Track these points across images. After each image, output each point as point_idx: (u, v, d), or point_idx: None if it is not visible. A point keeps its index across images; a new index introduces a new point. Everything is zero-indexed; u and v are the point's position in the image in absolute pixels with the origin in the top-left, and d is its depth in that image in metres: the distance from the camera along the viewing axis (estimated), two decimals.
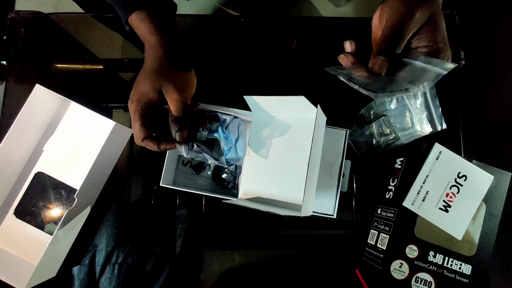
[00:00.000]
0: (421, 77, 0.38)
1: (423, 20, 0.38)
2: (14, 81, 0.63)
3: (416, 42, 0.39)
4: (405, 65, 0.39)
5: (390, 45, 0.38)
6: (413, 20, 0.38)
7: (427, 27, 0.39)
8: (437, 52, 0.38)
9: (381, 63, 0.38)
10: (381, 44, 0.39)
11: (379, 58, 0.38)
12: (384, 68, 0.39)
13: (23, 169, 0.60)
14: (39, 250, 0.56)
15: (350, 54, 0.43)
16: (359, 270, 0.55)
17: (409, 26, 0.38)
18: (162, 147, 0.47)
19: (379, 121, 0.57)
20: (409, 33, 0.38)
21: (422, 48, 0.39)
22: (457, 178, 0.50)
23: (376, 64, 0.39)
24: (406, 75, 0.39)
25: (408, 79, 0.38)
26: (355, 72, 0.41)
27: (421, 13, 0.38)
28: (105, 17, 0.65)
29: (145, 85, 0.44)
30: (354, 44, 0.43)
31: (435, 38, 0.39)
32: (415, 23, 0.38)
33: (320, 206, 0.52)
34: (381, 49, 0.38)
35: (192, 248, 0.60)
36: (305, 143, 0.48)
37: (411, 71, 0.39)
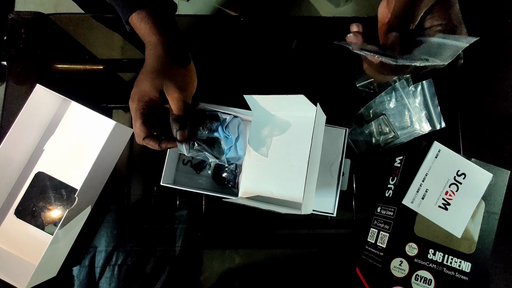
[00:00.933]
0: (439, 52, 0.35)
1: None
2: (15, 81, 0.63)
3: (430, 21, 0.37)
4: (420, 43, 0.37)
5: (402, 21, 0.36)
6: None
7: (440, 4, 0.36)
8: (453, 30, 0.36)
9: (394, 38, 0.36)
10: (393, 21, 0.36)
11: (392, 34, 0.36)
12: (397, 43, 0.36)
13: (23, 169, 0.60)
14: (40, 250, 0.56)
15: (359, 33, 0.40)
16: (359, 269, 0.56)
17: (421, 4, 0.35)
18: (163, 145, 0.47)
19: (378, 120, 0.58)
20: (421, 10, 0.36)
21: (436, 27, 0.37)
22: (456, 176, 0.50)
23: (388, 40, 0.36)
24: (422, 52, 0.36)
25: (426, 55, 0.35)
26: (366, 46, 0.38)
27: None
28: (105, 17, 0.66)
29: (146, 84, 0.44)
30: (361, 26, 0.41)
31: (449, 16, 0.36)
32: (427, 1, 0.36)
33: (320, 205, 0.52)
34: (392, 26, 0.36)
35: (192, 248, 0.60)
36: (304, 142, 0.48)
37: (427, 48, 0.36)
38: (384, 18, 0.41)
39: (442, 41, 0.35)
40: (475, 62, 0.61)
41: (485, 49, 0.45)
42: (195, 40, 0.65)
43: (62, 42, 0.65)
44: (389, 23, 0.37)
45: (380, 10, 0.42)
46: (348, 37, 0.41)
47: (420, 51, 0.36)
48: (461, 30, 0.36)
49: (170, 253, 0.59)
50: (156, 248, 0.60)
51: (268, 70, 0.64)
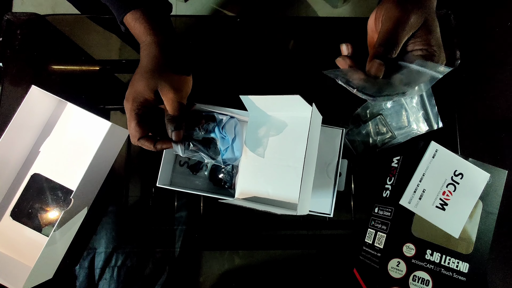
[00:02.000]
0: (417, 79, 0.39)
1: (417, 24, 0.39)
2: (10, 82, 0.62)
3: (412, 45, 0.41)
4: (401, 68, 0.41)
5: (386, 49, 0.39)
6: (408, 25, 0.39)
7: (422, 31, 0.40)
8: (432, 55, 0.40)
9: (378, 66, 0.39)
10: (378, 48, 0.40)
11: (376, 62, 0.39)
12: (380, 71, 0.40)
13: (19, 170, 0.60)
14: (36, 251, 0.56)
15: (348, 57, 0.44)
16: (356, 269, 0.55)
17: (404, 30, 0.39)
18: (158, 146, 0.47)
19: (375, 120, 0.57)
20: (404, 37, 0.39)
21: (417, 51, 0.40)
22: (453, 176, 0.50)
23: (373, 67, 0.40)
24: (402, 78, 0.40)
25: (405, 81, 0.39)
26: (352, 75, 0.42)
27: (416, 18, 0.39)
28: (101, 18, 0.65)
29: (141, 84, 0.44)
30: (351, 46, 0.44)
31: (429, 42, 0.40)
32: (410, 27, 0.39)
33: (317, 205, 0.52)
34: (377, 53, 0.39)
35: (192, 249, 0.60)
36: (301, 142, 0.48)
37: (407, 74, 0.40)
38: (373, 31, 0.44)
39: (420, 69, 0.38)
40: (472, 62, 0.61)
41: (481, 49, 0.45)
42: (192, 41, 0.65)
43: (58, 43, 0.65)
44: (374, 49, 0.40)
45: (369, 23, 0.45)
46: (338, 61, 0.44)
47: (400, 77, 0.40)
48: (439, 56, 0.40)
49: (170, 255, 0.59)
50: (155, 249, 0.60)
51: (264, 70, 0.64)
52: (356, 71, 0.42)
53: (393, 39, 0.39)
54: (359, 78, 0.41)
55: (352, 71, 0.43)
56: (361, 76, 0.41)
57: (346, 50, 0.44)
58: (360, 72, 0.42)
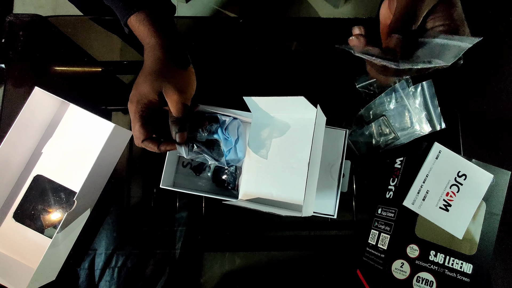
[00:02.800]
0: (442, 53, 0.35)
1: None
2: (13, 84, 0.62)
3: (432, 21, 0.37)
4: (423, 44, 0.37)
5: (405, 23, 0.36)
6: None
7: (442, 5, 0.36)
8: (455, 30, 0.36)
9: (396, 41, 0.36)
10: (395, 23, 0.36)
11: (394, 36, 0.36)
12: (399, 45, 0.36)
13: (22, 172, 0.60)
14: (39, 253, 0.56)
15: (361, 36, 0.39)
16: (360, 270, 0.55)
17: (423, 4, 0.35)
18: (162, 148, 0.46)
19: (378, 121, 0.57)
20: (423, 11, 0.36)
21: (438, 27, 0.36)
22: (457, 177, 0.50)
23: (391, 42, 0.36)
24: (425, 53, 0.36)
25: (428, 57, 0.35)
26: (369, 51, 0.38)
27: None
28: (103, 19, 0.65)
29: (145, 86, 0.44)
30: (363, 28, 0.40)
31: (452, 16, 0.36)
32: (429, 0, 0.35)
33: (321, 207, 0.52)
34: (394, 28, 0.36)
35: (192, 250, 0.60)
36: (305, 144, 0.48)
37: (430, 49, 0.36)
38: (386, 19, 0.41)
39: (445, 42, 0.34)
40: (475, 62, 0.61)
41: (485, 49, 0.45)
42: (194, 42, 0.65)
43: (61, 44, 0.65)
44: (391, 25, 0.37)
45: (381, 11, 0.42)
46: (351, 40, 0.40)
47: (423, 53, 0.36)
48: (464, 30, 0.36)
49: (170, 256, 0.59)
50: (156, 250, 0.59)
51: (267, 71, 0.64)
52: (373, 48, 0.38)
53: (411, 12, 0.35)
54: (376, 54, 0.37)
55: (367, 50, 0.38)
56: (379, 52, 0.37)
57: (359, 31, 0.40)
58: (376, 48, 0.37)
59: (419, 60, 0.35)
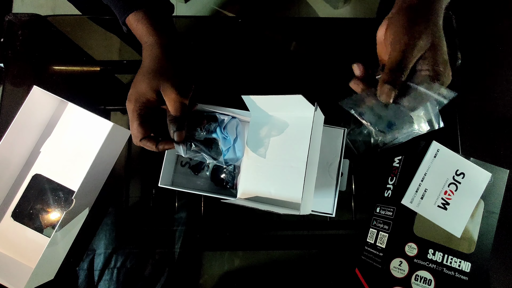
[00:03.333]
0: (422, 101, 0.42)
1: (425, 47, 0.40)
2: (12, 83, 0.62)
3: (420, 65, 0.41)
4: (409, 89, 0.42)
5: (395, 74, 0.40)
6: (416, 49, 0.39)
7: (429, 51, 0.40)
8: (438, 74, 0.41)
9: (388, 91, 0.41)
10: (387, 75, 0.41)
11: (386, 87, 0.41)
12: (391, 96, 0.41)
13: (20, 171, 0.60)
14: (37, 252, 0.56)
15: (360, 81, 0.45)
16: (358, 269, 0.55)
17: (413, 55, 0.40)
18: (160, 147, 0.47)
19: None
20: (412, 61, 0.40)
21: (425, 71, 0.41)
22: (455, 175, 0.50)
23: (383, 93, 0.41)
24: (410, 101, 0.42)
25: (413, 104, 0.42)
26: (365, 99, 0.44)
27: (424, 41, 0.40)
28: (102, 19, 0.65)
29: (143, 85, 0.44)
30: (362, 66, 0.45)
31: (437, 61, 0.40)
32: (418, 51, 0.40)
33: (319, 205, 0.52)
34: (387, 79, 0.41)
35: (192, 250, 0.60)
36: (303, 142, 0.48)
37: (414, 96, 0.42)
38: (381, 44, 0.45)
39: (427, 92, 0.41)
40: (473, 62, 0.61)
41: (483, 49, 0.45)
42: (193, 42, 0.65)
43: (59, 43, 0.65)
44: (384, 75, 0.41)
45: (378, 35, 0.45)
46: (351, 84, 0.46)
47: (408, 100, 0.42)
48: (444, 73, 0.41)
49: (170, 256, 0.59)
50: (155, 250, 0.59)
51: (266, 70, 0.64)
52: (369, 96, 0.44)
53: (401, 64, 0.40)
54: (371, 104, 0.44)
55: (365, 95, 0.45)
56: (373, 101, 0.43)
57: (358, 71, 0.45)
58: (372, 97, 0.44)
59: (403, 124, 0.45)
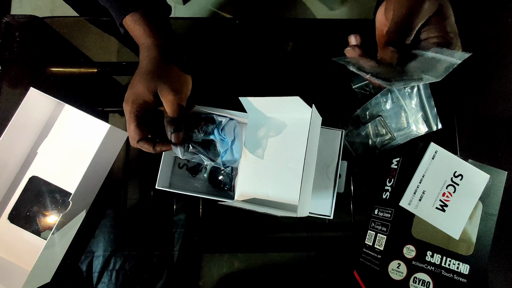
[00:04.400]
0: (433, 67, 0.37)
1: (431, 10, 0.37)
2: (9, 84, 0.62)
3: (426, 33, 0.39)
4: (416, 56, 0.39)
5: (399, 35, 0.37)
6: (421, 10, 0.37)
7: (436, 17, 0.38)
8: (448, 43, 0.38)
9: (391, 53, 0.38)
10: (390, 35, 0.38)
11: (389, 49, 0.38)
12: (394, 58, 0.38)
13: (17, 173, 0.60)
14: (34, 255, 0.55)
15: (357, 47, 0.42)
16: (357, 271, 0.55)
17: (418, 17, 0.37)
18: (158, 148, 0.46)
19: (374, 122, 0.57)
20: (418, 23, 0.37)
21: (432, 39, 0.38)
22: (453, 177, 0.50)
23: (385, 55, 0.38)
24: (418, 66, 0.38)
25: (420, 69, 0.38)
26: (364, 63, 0.40)
27: (430, 3, 0.37)
28: (100, 20, 0.65)
29: (140, 86, 0.44)
30: (359, 37, 0.42)
31: (445, 29, 0.38)
32: (423, 13, 0.37)
33: (317, 207, 0.52)
34: (390, 40, 0.38)
35: (190, 252, 0.59)
36: (300, 144, 0.48)
37: (422, 62, 0.38)
38: (382, 25, 0.42)
39: (437, 56, 0.37)
40: (470, 63, 0.61)
41: (480, 49, 0.45)
42: (191, 43, 0.65)
43: (57, 45, 0.65)
44: (386, 36, 0.38)
45: (377, 17, 0.43)
46: (347, 51, 0.42)
47: (415, 66, 0.38)
48: (455, 42, 0.38)
49: (168, 258, 0.59)
50: (154, 252, 0.59)
51: (263, 72, 0.64)
52: (368, 60, 0.40)
53: (406, 25, 0.37)
54: (371, 66, 0.40)
55: (363, 59, 0.41)
56: (373, 64, 0.40)
57: (355, 40, 0.43)
58: (371, 60, 0.40)
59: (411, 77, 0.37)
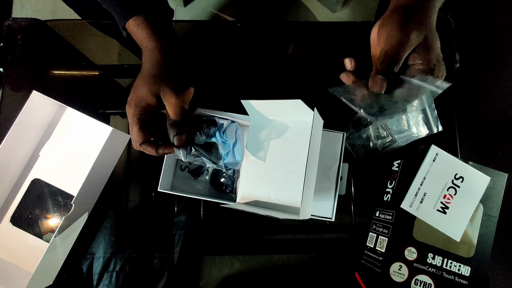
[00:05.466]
0: (417, 94, 0.41)
1: (417, 42, 0.41)
2: (11, 87, 0.62)
3: (412, 60, 0.42)
4: (402, 82, 0.42)
5: (388, 66, 0.41)
6: (408, 44, 0.40)
7: (422, 47, 0.41)
8: (431, 70, 0.41)
9: (380, 82, 0.41)
10: (379, 66, 0.41)
11: (378, 78, 0.41)
12: (382, 87, 0.41)
13: (19, 175, 0.60)
14: (36, 257, 0.55)
15: (351, 73, 0.45)
16: (358, 273, 0.55)
17: (405, 50, 0.40)
18: (160, 151, 0.47)
19: (375, 124, 0.57)
20: (404, 55, 0.41)
21: (418, 65, 0.42)
22: (454, 179, 0.50)
23: (375, 84, 0.41)
24: (403, 92, 0.42)
25: (405, 96, 0.42)
26: (356, 91, 0.44)
27: (416, 37, 0.40)
28: (102, 23, 0.66)
29: (143, 89, 0.44)
30: (354, 61, 0.45)
31: (429, 57, 0.41)
32: (410, 46, 0.40)
33: (319, 210, 0.52)
34: (379, 70, 0.41)
35: (191, 254, 0.59)
36: (302, 146, 0.48)
37: (408, 88, 0.42)
38: (375, 44, 0.45)
39: (421, 84, 0.41)
40: (471, 65, 0.62)
41: (481, 52, 0.45)
42: (193, 46, 0.65)
43: (59, 48, 0.65)
44: (376, 66, 0.41)
45: (372, 35, 0.46)
46: (342, 77, 0.46)
47: (401, 93, 0.42)
48: (438, 70, 0.42)
49: (169, 260, 0.59)
50: (154, 254, 0.59)
51: (265, 75, 0.64)
52: (359, 87, 0.44)
53: (394, 57, 0.40)
54: (362, 95, 0.43)
55: (355, 87, 0.44)
56: (364, 92, 0.43)
57: (350, 65, 0.45)
58: (363, 88, 0.43)
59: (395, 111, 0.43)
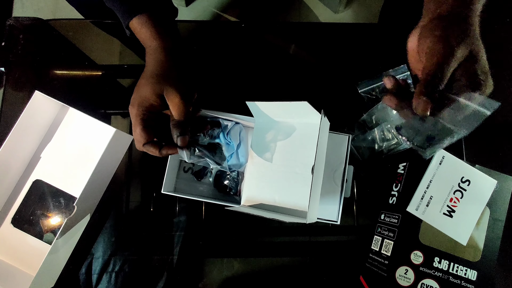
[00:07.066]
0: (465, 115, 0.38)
1: (463, 56, 0.38)
2: (13, 87, 0.62)
3: (458, 74, 0.39)
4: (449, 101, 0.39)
5: (432, 85, 0.38)
6: (453, 59, 0.38)
7: (468, 61, 0.39)
8: (479, 84, 0.38)
9: (424, 104, 0.38)
10: (423, 86, 0.39)
11: (422, 99, 0.38)
12: (427, 109, 0.38)
13: (21, 176, 0.59)
14: (38, 259, 0.55)
15: (393, 96, 0.43)
16: (363, 277, 0.55)
17: (450, 65, 0.38)
18: (164, 152, 0.46)
19: (381, 126, 0.57)
20: (450, 71, 0.38)
21: (464, 81, 0.39)
22: (460, 183, 0.50)
23: (419, 106, 0.39)
24: (451, 112, 0.39)
25: (453, 117, 0.39)
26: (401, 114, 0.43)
27: (461, 51, 0.38)
28: (104, 23, 0.65)
29: (147, 89, 0.44)
30: (393, 79, 0.44)
31: (475, 71, 0.39)
32: (455, 61, 0.38)
33: (324, 212, 0.51)
34: (423, 92, 0.38)
35: (191, 255, 0.59)
36: (308, 149, 0.48)
37: (455, 109, 0.39)
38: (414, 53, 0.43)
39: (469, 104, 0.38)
40: None
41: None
42: (196, 46, 0.64)
43: (61, 48, 0.65)
44: (420, 86, 0.39)
45: (409, 44, 0.44)
46: (385, 100, 0.44)
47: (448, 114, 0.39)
48: (486, 83, 0.38)
49: (168, 261, 0.59)
50: (154, 255, 0.59)
51: (269, 76, 0.64)
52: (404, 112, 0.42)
53: (438, 75, 0.38)
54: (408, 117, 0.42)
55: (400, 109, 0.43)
56: (409, 115, 0.41)
57: (390, 83, 0.44)
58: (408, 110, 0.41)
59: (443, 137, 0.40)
